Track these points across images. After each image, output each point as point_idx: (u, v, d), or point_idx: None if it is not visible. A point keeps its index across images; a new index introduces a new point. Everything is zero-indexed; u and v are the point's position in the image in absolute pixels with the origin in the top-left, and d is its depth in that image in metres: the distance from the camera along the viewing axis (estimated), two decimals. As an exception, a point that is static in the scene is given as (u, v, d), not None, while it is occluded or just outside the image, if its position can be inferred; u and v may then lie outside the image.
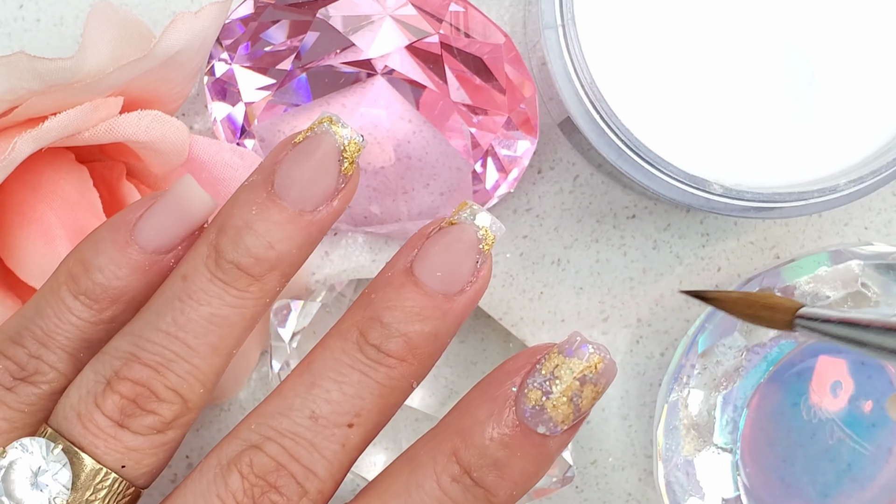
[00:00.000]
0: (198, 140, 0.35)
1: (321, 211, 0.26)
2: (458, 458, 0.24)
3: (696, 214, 0.41)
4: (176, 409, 0.25)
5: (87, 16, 0.31)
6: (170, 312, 0.25)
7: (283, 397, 0.25)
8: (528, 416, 0.24)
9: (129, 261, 0.26)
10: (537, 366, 0.25)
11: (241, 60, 0.36)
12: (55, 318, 0.26)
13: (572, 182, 0.40)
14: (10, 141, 0.30)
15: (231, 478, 0.24)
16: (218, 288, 0.25)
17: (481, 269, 0.26)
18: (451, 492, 0.24)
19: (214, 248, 0.25)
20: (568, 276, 0.40)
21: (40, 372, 0.26)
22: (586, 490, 0.41)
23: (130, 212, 0.26)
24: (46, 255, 0.32)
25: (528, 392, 0.24)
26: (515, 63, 0.36)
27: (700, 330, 0.38)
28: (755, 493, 0.39)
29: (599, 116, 0.33)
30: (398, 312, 0.25)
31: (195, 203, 0.26)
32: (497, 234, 0.26)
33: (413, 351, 0.25)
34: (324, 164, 0.25)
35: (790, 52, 0.34)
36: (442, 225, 0.26)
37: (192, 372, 0.25)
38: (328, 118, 0.26)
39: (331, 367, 0.25)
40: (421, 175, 0.37)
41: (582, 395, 0.24)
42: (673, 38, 0.34)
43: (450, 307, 0.25)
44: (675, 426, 0.38)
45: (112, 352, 0.25)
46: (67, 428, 0.25)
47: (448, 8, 0.36)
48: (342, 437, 0.25)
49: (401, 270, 0.26)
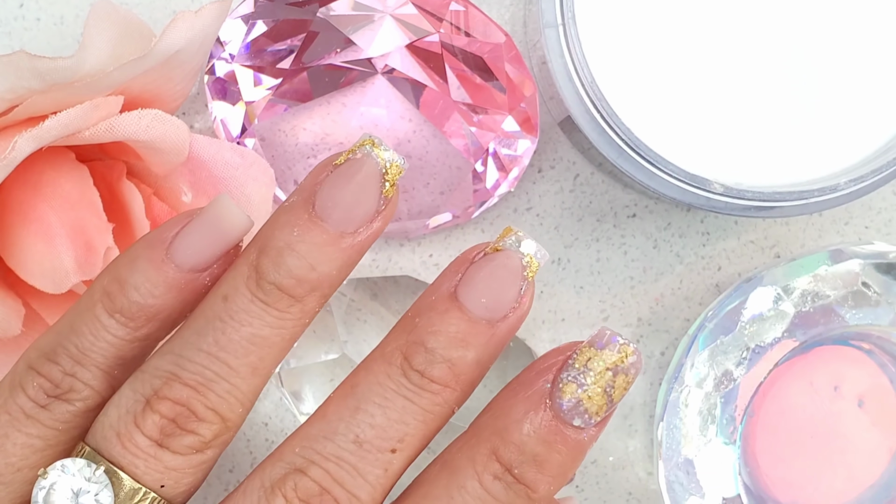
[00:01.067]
0: (198, 139, 0.35)
1: (362, 233, 0.26)
2: (498, 456, 0.25)
3: (697, 213, 0.41)
4: (216, 428, 0.25)
5: (88, 15, 0.31)
6: (211, 333, 0.25)
7: (328, 421, 0.25)
8: (564, 409, 0.25)
9: (165, 279, 0.26)
10: (570, 361, 0.25)
11: (242, 60, 0.36)
12: (90, 336, 0.26)
13: (573, 181, 0.40)
14: (10, 140, 0.30)
15: (275, 501, 0.24)
16: (259, 309, 0.25)
17: (524, 296, 0.26)
18: (493, 490, 0.24)
19: (255, 268, 0.25)
20: (568, 276, 0.40)
21: (75, 390, 0.26)
22: (586, 490, 0.41)
23: (166, 230, 0.26)
24: (46, 255, 0.32)
25: (562, 386, 0.25)
26: (516, 62, 0.36)
27: (700, 329, 0.38)
28: (756, 493, 0.39)
29: (600, 115, 0.33)
30: (442, 338, 0.25)
31: (232, 222, 0.26)
32: (541, 261, 0.26)
33: (457, 378, 0.25)
34: (366, 186, 0.25)
35: (791, 52, 0.35)
36: (487, 251, 0.26)
37: (231, 392, 0.25)
38: (370, 140, 0.26)
39: (376, 392, 0.25)
40: (421, 174, 0.37)
41: (615, 385, 0.25)
42: (673, 37, 0.34)
43: (493, 333, 0.25)
44: (676, 425, 0.38)
45: (152, 371, 0.25)
46: (106, 447, 0.25)
47: (448, 7, 0.36)
48: (385, 462, 0.25)
49: (445, 295, 0.26)
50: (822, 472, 0.39)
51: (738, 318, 0.38)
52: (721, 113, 0.34)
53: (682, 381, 0.38)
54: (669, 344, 0.41)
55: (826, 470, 0.39)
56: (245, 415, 0.26)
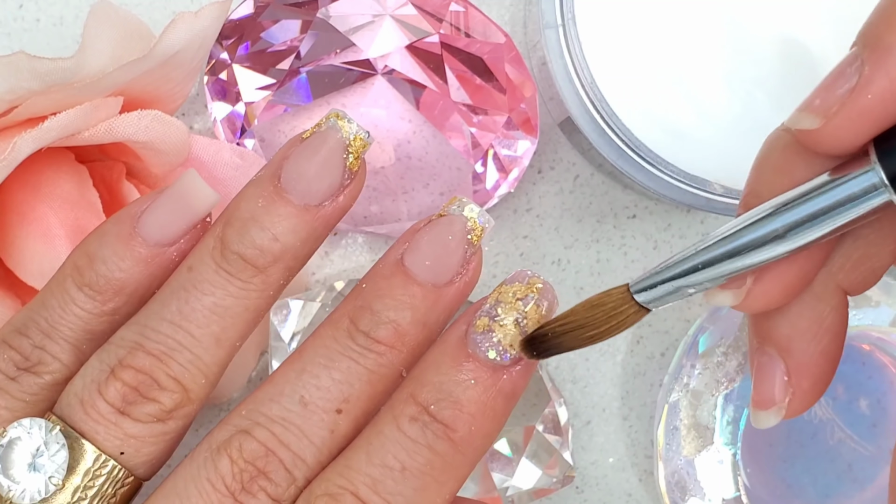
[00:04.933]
0: (198, 140, 0.35)
1: (327, 206, 0.26)
2: (415, 397, 0.25)
3: (697, 214, 0.41)
4: (177, 398, 0.25)
5: (87, 16, 0.31)
6: (174, 302, 0.26)
7: (274, 384, 0.26)
8: (477, 342, 0.25)
9: (132, 253, 0.26)
10: (483, 304, 0.25)
11: (241, 60, 0.36)
12: (59, 310, 0.26)
13: (573, 182, 0.40)
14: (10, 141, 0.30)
15: (221, 462, 0.25)
16: (222, 279, 0.26)
17: (471, 261, 0.26)
18: (410, 432, 0.25)
19: (220, 239, 0.26)
20: (568, 276, 0.40)
21: (43, 362, 0.26)
22: (586, 490, 0.41)
23: (135, 206, 0.27)
24: (46, 255, 0.32)
25: (477, 322, 0.25)
26: (516, 63, 0.36)
27: (700, 330, 0.38)
28: (755, 494, 0.39)
29: (600, 116, 0.33)
30: (388, 300, 0.25)
31: (198, 197, 0.27)
32: (485, 225, 0.26)
33: (402, 338, 0.25)
34: (329, 158, 0.26)
35: (791, 53, 0.34)
36: (432, 218, 0.26)
37: (194, 362, 0.26)
38: (335, 113, 0.26)
39: (321, 354, 0.25)
40: (421, 175, 0.37)
41: (527, 316, 0.25)
42: (673, 38, 0.34)
43: (439, 296, 0.26)
44: (676, 426, 0.38)
45: (117, 341, 0.26)
46: (70, 414, 0.25)
47: (448, 8, 0.36)
48: (331, 423, 0.25)
49: (392, 262, 0.26)
50: (821, 473, 0.39)
51: (738, 319, 0.38)
52: (721, 114, 0.34)
53: (682, 382, 0.38)
54: (670, 345, 0.41)
55: (826, 471, 0.39)
56: (209, 388, 0.26)
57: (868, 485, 0.39)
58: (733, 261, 0.22)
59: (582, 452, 0.41)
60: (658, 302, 0.23)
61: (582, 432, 0.41)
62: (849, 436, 0.39)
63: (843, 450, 0.39)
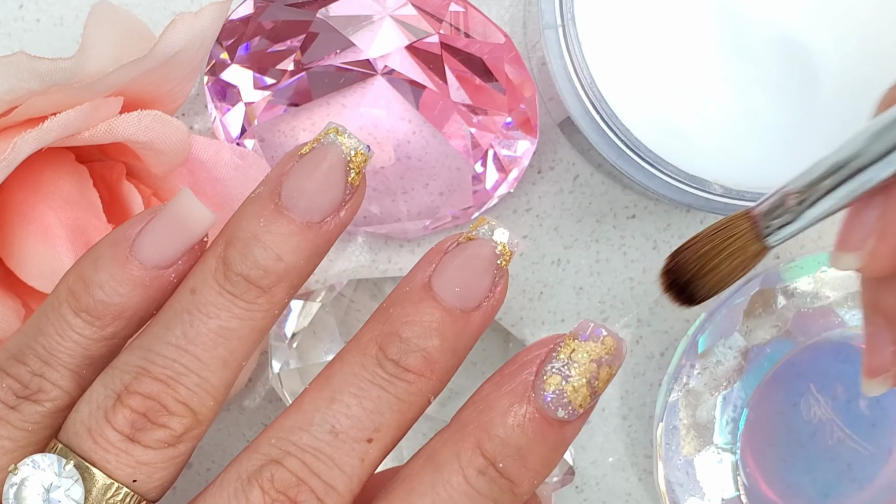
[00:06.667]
0: (198, 140, 0.35)
1: (329, 222, 0.26)
2: (483, 450, 0.25)
3: (697, 214, 0.41)
4: (186, 422, 0.25)
5: (87, 16, 0.31)
6: (179, 326, 0.25)
7: (303, 412, 0.25)
8: (547, 401, 0.25)
9: (129, 277, 0.26)
10: (553, 353, 0.25)
11: (241, 60, 0.36)
12: (57, 336, 0.26)
13: (572, 182, 0.40)
14: (10, 141, 0.30)
15: (252, 493, 0.24)
16: (227, 301, 0.25)
17: (498, 285, 0.26)
18: (477, 485, 0.25)
19: (223, 260, 0.25)
20: (568, 276, 0.40)
21: (43, 390, 0.26)
22: (586, 490, 0.41)
23: (130, 227, 0.26)
24: (46, 255, 0.32)
25: (546, 378, 0.25)
26: (515, 63, 0.36)
27: (700, 330, 0.38)
28: (755, 494, 0.39)
29: (599, 116, 0.33)
30: (417, 327, 0.25)
31: (194, 218, 0.26)
32: (515, 250, 0.26)
33: (431, 366, 0.25)
34: (330, 175, 0.26)
35: (791, 53, 0.34)
36: (460, 240, 0.26)
37: (202, 385, 0.25)
38: (334, 129, 0.26)
39: (350, 382, 0.25)
40: (421, 175, 0.37)
41: (599, 377, 0.25)
42: (673, 38, 0.34)
43: (467, 322, 0.26)
44: (675, 426, 0.38)
45: (122, 366, 0.25)
46: (78, 443, 0.25)
47: (448, 8, 0.36)
48: (361, 452, 0.25)
49: (419, 285, 0.26)
50: (821, 472, 0.39)
51: (738, 319, 0.38)
52: (720, 114, 0.34)
53: (681, 381, 0.38)
54: (669, 345, 0.41)
55: (825, 471, 0.39)
56: (217, 408, 0.26)
57: (867, 484, 0.39)
58: None
59: (581, 452, 0.41)
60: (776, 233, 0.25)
61: (581, 432, 0.41)
62: (848, 435, 0.39)
63: (842, 449, 0.39)
